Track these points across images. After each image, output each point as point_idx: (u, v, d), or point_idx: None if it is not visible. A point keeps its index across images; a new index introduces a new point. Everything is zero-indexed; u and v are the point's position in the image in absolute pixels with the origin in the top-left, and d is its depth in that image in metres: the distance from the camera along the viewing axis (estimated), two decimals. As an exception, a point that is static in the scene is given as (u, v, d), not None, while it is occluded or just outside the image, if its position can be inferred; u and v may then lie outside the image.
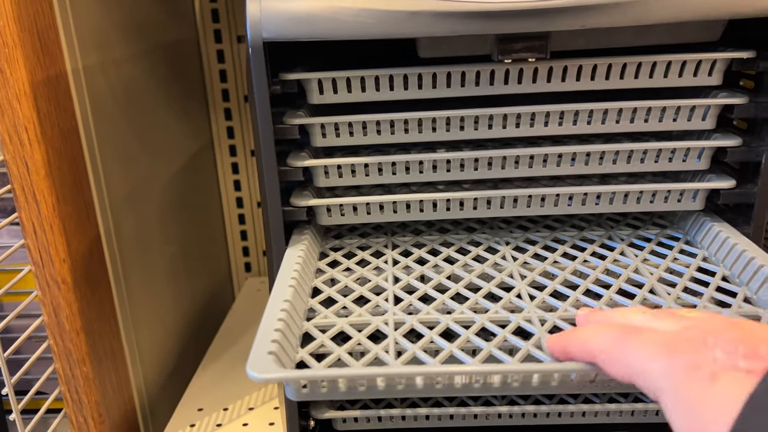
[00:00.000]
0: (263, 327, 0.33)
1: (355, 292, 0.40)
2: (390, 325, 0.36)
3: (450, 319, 0.36)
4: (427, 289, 0.40)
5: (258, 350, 0.30)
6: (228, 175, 0.82)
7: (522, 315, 0.36)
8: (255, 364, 0.29)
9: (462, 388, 0.31)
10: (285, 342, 0.32)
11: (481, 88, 0.39)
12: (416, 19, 0.35)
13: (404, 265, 0.43)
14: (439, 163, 0.41)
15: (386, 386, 0.31)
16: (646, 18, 0.35)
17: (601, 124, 0.40)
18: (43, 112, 0.44)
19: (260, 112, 0.38)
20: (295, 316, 0.35)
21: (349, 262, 0.43)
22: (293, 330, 0.34)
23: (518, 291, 0.39)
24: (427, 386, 0.31)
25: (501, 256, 0.43)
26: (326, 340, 0.34)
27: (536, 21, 0.35)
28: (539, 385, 0.31)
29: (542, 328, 0.35)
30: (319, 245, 0.46)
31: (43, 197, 0.45)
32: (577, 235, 0.46)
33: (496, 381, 0.31)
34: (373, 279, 0.41)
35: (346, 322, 0.36)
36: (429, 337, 0.34)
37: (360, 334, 0.35)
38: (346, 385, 0.31)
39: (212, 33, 0.77)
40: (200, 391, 0.62)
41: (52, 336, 0.48)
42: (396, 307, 0.38)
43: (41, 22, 0.45)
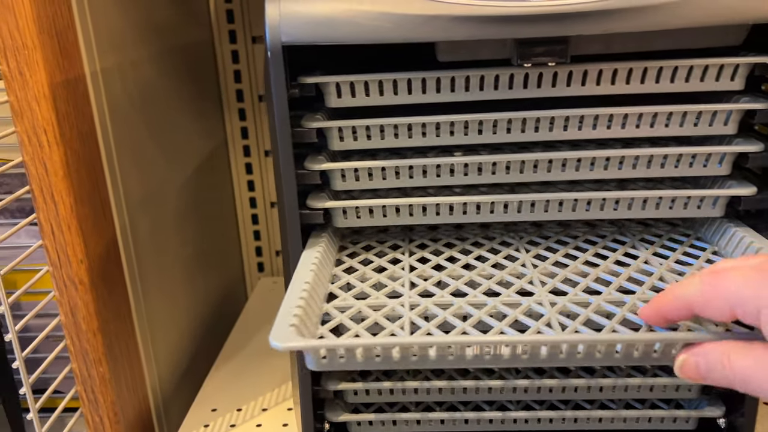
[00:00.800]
0: (285, 304, 0.34)
1: (372, 279, 0.41)
2: (406, 307, 0.38)
3: (463, 301, 0.38)
4: (441, 276, 0.41)
5: (280, 323, 0.32)
6: (242, 175, 0.83)
7: (533, 299, 0.38)
8: (277, 335, 0.31)
9: (473, 359, 0.33)
10: (306, 318, 0.34)
11: (500, 92, 0.39)
12: (435, 23, 0.35)
13: (420, 256, 0.45)
14: (457, 167, 0.41)
15: (401, 357, 0.33)
16: (669, 23, 0.35)
17: (621, 128, 0.40)
18: (62, 113, 0.45)
19: (278, 115, 0.38)
20: (315, 296, 0.37)
21: (367, 254, 0.45)
22: (314, 309, 0.36)
23: (530, 278, 0.41)
24: (439, 357, 0.33)
25: (514, 249, 0.45)
26: (345, 319, 0.36)
27: (556, 25, 0.35)
28: (547, 357, 0.33)
29: (552, 309, 0.36)
30: (336, 245, 0.46)
31: (61, 198, 0.45)
32: (589, 231, 0.47)
33: (506, 352, 0.33)
34: (390, 268, 0.43)
35: (364, 303, 0.38)
36: (443, 317, 0.36)
37: (377, 313, 0.37)
38: (363, 355, 0.33)
39: (227, 34, 0.77)
40: (214, 391, 0.62)
41: (69, 336, 0.49)
42: (412, 291, 0.40)
43: (60, 23, 0.45)
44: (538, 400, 0.46)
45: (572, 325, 0.35)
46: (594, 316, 0.36)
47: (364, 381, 0.45)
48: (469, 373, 0.46)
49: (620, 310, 0.36)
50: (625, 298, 0.38)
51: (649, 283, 0.39)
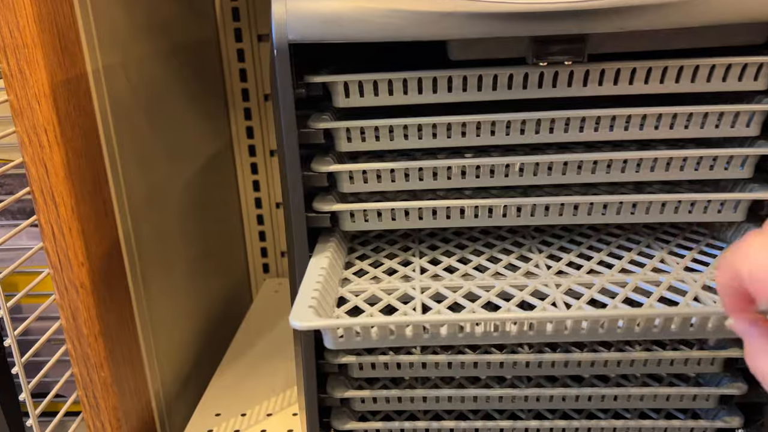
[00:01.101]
0: (304, 287, 0.37)
1: (385, 265, 0.43)
2: (417, 290, 0.40)
3: (472, 284, 0.40)
4: (451, 261, 0.43)
5: (300, 304, 0.35)
6: (247, 175, 0.81)
7: (539, 280, 0.40)
8: (297, 315, 0.33)
9: (482, 336, 0.35)
10: (323, 300, 0.36)
11: (513, 91, 0.38)
12: (448, 20, 0.34)
13: (430, 243, 0.46)
14: (469, 169, 0.40)
15: (414, 335, 0.35)
16: (690, 20, 0.34)
17: (639, 130, 0.39)
18: (63, 113, 0.44)
19: (284, 116, 0.37)
20: (331, 281, 0.39)
21: (379, 242, 0.47)
22: (330, 293, 0.38)
23: (536, 262, 0.42)
24: (450, 335, 0.35)
25: (521, 235, 0.46)
26: (359, 302, 0.38)
27: (574, 23, 0.34)
28: (552, 333, 0.35)
29: (557, 290, 0.38)
30: (345, 250, 0.45)
31: (62, 200, 0.44)
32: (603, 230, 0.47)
33: (513, 329, 0.35)
34: (401, 255, 0.45)
35: (377, 287, 0.40)
36: (452, 299, 0.38)
37: (390, 296, 0.39)
38: (378, 333, 0.35)
39: (232, 32, 0.76)
40: (218, 395, 0.61)
41: (70, 340, 0.48)
42: (422, 275, 0.42)
43: (61, 21, 0.44)
44: (551, 409, 0.45)
45: (576, 304, 0.36)
46: (598, 296, 0.38)
47: (372, 388, 0.44)
48: (479, 381, 0.45)
49: (623, 290, 0.38)
50: (627, 279, 0.39)
51: (650, 266, 0.41)
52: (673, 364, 0.42)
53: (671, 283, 0.38)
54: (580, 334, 0.34)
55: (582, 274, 0.40)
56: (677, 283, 0.38)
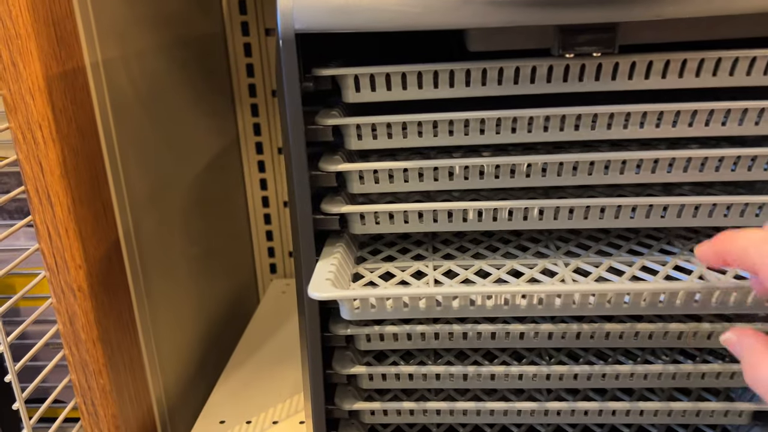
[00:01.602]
0: (321, 263, 0.38)
1: (398, 245, 0.44)
2: (430, 267, 0.40)
3: (483, 263, 0.40)
4: (468, 274, 0.41)
5: (318, 276, 0.36)
6: (254, 173, 0.79)
7: (548, 260, 0.40)
8: (316, 286, 0.35)
9: (493, 308, 0.36)
10: (340, 275, 0.37)
11: (536, 85, 0.35)
12: (469, 7, 0.31)
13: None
14: (487, 169, 0.37)
15: (426, 306, 0.36)
16: (733, 7, 0.31)
17: (671, 127, 0.36)
18: (59, 108, 0.41)
19: (290, 111, 0.34)
20: (347, 258, 0.40)
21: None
22: (346, 269, 0.39)
23: (546, 243, 0.43)
24: (462, 307, 0.36)
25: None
26: (375, 278, 0.39)
27: (605, 10, 0.31)
28: (561, 307, 0.36)
29: (566, 269, 0.39)
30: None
31: (57, 199, 0.42)
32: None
33: (522, 303, 0.36)
34: (414, 236, 0.46)
35: (392, 265, 0.41)
36: (464, 275, 0.39)
37: (403, 273, 0.40)
38: (393, 305, 0.36)
39: (239, 25, 0.73)
40: (222, 401, 0.59)
41: (67, 346, 0.46)
42: (435, 254, 0.43)
43: (58, 12, 0.41)
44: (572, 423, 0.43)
45: (584, 281, 0.37)
46: (606, 274, 0.38)
47: (382, 400, 0.42)
48: (496, 392, 0.43)
49: (630, 268, 0.38)
50: (634, 259, 0.39)
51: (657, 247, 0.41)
52: (704, 377, 0.40)
53: (677, 263, 0.39)
54: (588, 308, 0.35)
55: (591, 253, 0.41)
56: (683, 263, 0.39)
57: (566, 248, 0.42)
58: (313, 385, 0.39)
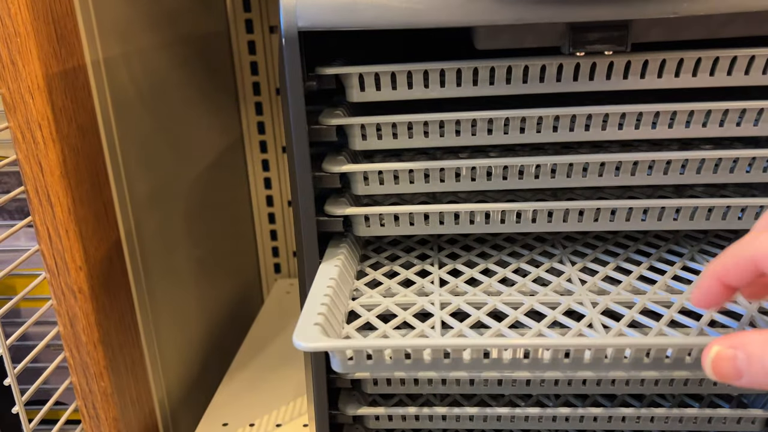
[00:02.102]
0: (310, 301, 0.33)
1: (401, 275, 0.39)
2: (436, 305, 0.36)
3: (498, 300, 0.36)
4: (473, 273, 0.39)
5: (305, 321, 0.31)
6: (258, 172, 0.79)
7: (573, 298, 0.36)
8: (302, 334, 0.29)
9: (510, 363, 0.31)
10: (331, 317, 0.32)
11: (546, 84, 0.34)
12: (476, 4, 0.30)
13: (450, 251, 0.42)
14: (495, 170, 0.36)
15: (432, 360, 0.31)
16: (750, 4, 0.30)
17: (684, 127, 0.35)
18: (59, 107, 0.41)
19: (293, 110, 0.34)
20: (341, 294, 0.36)
21: (395, 249, 0.43)
22: (339, 307, 0.34)
23: (568, 276, 0.38)
24: (474, 360, 0.31)
25: (550, 244, 0.43)
26: (372, 318, 0.35)
27: (618, 7, 0.30)
28: (591, 361, 0.30)
29: (594, 309, 0.34)
30: (357, 257, 0.42)
31: (57, 200, 0.41)
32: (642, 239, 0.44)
33: (546, 356, 0.31)
34: (419, 264, 0.41)
35: (392, 301, 0.36)
36: (476, 317, 0.34)
37: (406, 312, 0.35)
38: (393, 356, 0.31)
39: (243, 23, 0.73)
40: (225, 403, 0.59)
41: (68, 348, 0.45)
42: (442, 288, 0.38)
43: (58, 9, 0.41)
44: (581, 430, 0.42)
45: (616, 327, 0.32)
46: (639, 317, 0.34)
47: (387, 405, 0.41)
48: (503, 398, 0.42)
49: (667, 311, 0.34)
50: (672, 298, 0.35)
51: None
52: (716, 384, 0.39)
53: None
54: (623, 364, 0.29)
55: (621, 290, 0.36)
56: (728, 304, 0.34)
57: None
58: (317, 389, 0.39)
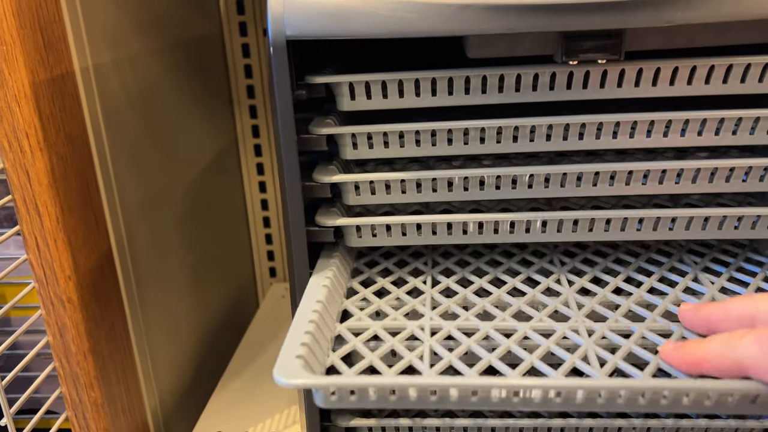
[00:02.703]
0: (294, 328, 0.32)
1: (392, 294, 0.38)
2: (426, 331, 0.34)
3: (490, 326, 0.34)
4: (467, 293, 0.38)
5: (286, 354, 0.30)
6: (253, 176, 0.78)
7: (568, 325, 0.34)
8: (282, 369, 0.28)
9: (499, 401, 0.30)
10: (315, 345, 0.31)
11: (539, 93, 0.34)
12: (468, 13, 0.30)
13: (444, 267, 0.41)
14: (488, 179, 0.36)
15: (418, 397, 0.30)
16: (745, 12, 0.29)
17: (680, 136, 0.34)
18: (46, 115, 0.40)
19: (282, 120, 0.33)
20: (327, 317, 0.34)
21: (387, 263, 0.42)
22: (325, 333, 0.33)
23: (565, 299, 0.37)
24: (462, 398, 0.30)
25: (548, 261, 0.41)
26: (359, 344, 0.33)
27: (611, 16, 0.29)
28: (584, 402, 0.29)
29: (590, 339, 0.33)
30: (349, 269, 0.41)
31: (45, 209, 0.41)
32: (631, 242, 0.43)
33: (537, 396, 0.29)
34: (411, 281, 0.40)
35: (381, 325, 0.35)
36: (467, 345, 0.33)
37: (394, 339, 0.34)
38: (377, 394, 0.30)
39: (237, 26, 0.72)
40: (219, 411, 0.58)
41: (57, 358, 0.45)
42: (434, 311, 0.36)
43: (45, 16, 0.40)
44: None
45: (611, 360, 0.31)
46: (636, 350, 0.32)
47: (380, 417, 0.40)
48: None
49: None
50: (673, 327, 0.33)
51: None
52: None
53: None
54: (617, 404, 0.28)
55: (618, 317, 0.35)
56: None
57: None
58: (308, 402, 0.38)
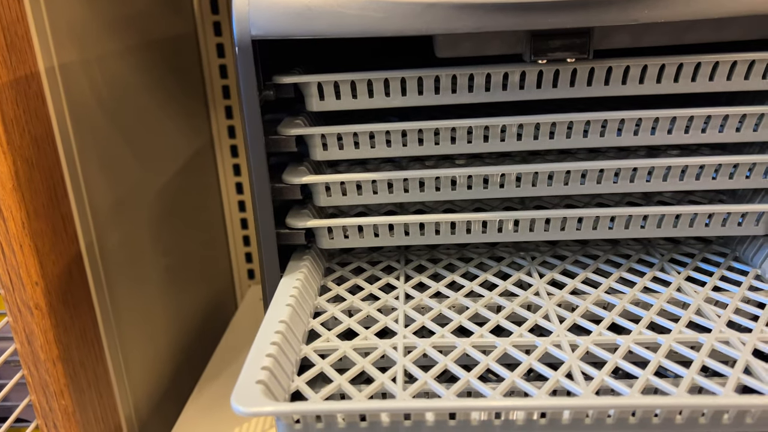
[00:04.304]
0: (254, 352, 0.29)
1: (362, 312, 0.36)
2: (399, 350, 0.32)
3: (468, 343, 0.32)
4: (442, 308, 0.36)
5: (246, 379, 0.27)
6: (229, 177, 0.77)
7: (550, 339, 0.32)
8: (241, 397, 0.26)
9: (480, 425, 0.28)
10: (278, 369, 0.29)
11: (509, 92, 0.33)
12: (434, 12, 0.29)
13: (417, 281, 0.39)
14: (460, 179, 0.36)
15: (391, 423, 0.28)
16: (711, 11, 0.29)
17: (650, 134, 0.34)
18: (9, 117, 0.39)
19: (249, 120, 0.33)
20: (292, 338, 0.32)
21: (357, 278, 0.39)
22: (289, 355, 0.31)
23: (545, 312, 0.35)
24: (438, 423, 0.28)
25: (526, 272, 0.39)
26: (326, 367, 0.31)
27: (578, 15, 0.29)
28: (570, 423, 0.28)
29: (573, 354, 0.31)
30: (321, 269, 0.40)
31: (10, 214, 0.40)
32: (610, 250, 0.41)
33: (520, 418, 0.28)
34: (383, 296, 0.37)
35: (350, 346, 0.33)
36: (443, 365, 0.31)
37: (365, 359, 0.32)
38: (346, 420, 0.28)
39: (211, 25, 0.71)
40: (196, 416, 0.57)
41: (26, 366, 0.44)
42: (407, 329, 0.34)
43: (7, 15, 0.39)
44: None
45: (598, 377, 0.29)
46: (623, 364, 0.30)
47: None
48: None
49: (654, 355, 0.30)
50: (659, 339, 0.32)
51: (686, 319, 0.33)
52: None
53: (714, 346, 0.31)
54: (606, 425, 0.27)
55: (602, 330, 0.33)
56: (721, 347, 0.31)
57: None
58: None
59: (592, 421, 0.27)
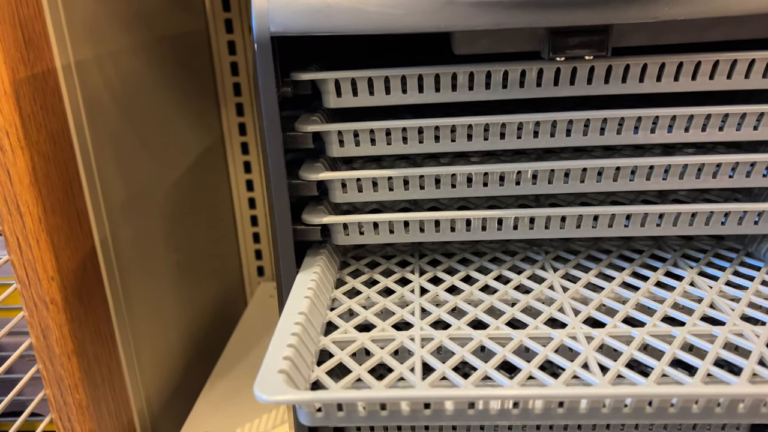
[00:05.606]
0: (275, 342, 0.30)
1: (378, 305, 0.36)
2: (416, 342, 0.32)
3: (484, 335, 0.33)
4: (457, 301, 0.36)
5: (268, 368, 0.28)
6: (240, 174, 0.77)
7: (566, 331, 0.33)
8: (263, 385, 0.26)
9: (498, 414, 0.28)
10: (299, 359, 0.29)
11: (526, 89, 0.33)
12: (453, 9, 0.29)
13: (432, 275, 0.39)
14: (476, 176, 0.36)
15: (411, 411, 0.28)
16: (731, 9, 0.29)
17: (666, 132, 0.34)
18: (27, 113, 0.39)
19: (267, 117, 0.33)
20: (311, 330, 0.32)
21: (373, 272, 0.40)
22: (309, 346, 0.31)
23: (560, 305, 0.35)
24: (458, 412, 0.28)
25: (540, 267, 0.40)
26: (345, 357, 0.31)
27: (598, 12, 0.29)
28: (588, 411, 0.28)
29: (589, 346, 0.31)
30: (336, 263, 0.41)
31: (27, 209, 0.40)
32: (623, 246, 0.42)
33: (538, 406, 0.28)
34: (399, 290, 0.38)
35: (368, 337, 0.33)
36: (460, 355, 0.31)
37: (383, 351, 0.32)
38: (366, 409, 0.28)
39: (223, 23, 0.71)
40: (207, 411, 0.58)
41: (41, 360, 0.44)
42: (423, 321, 0.34)
43: (24, 12, 0.39)
44: None
45: (614, 368, 0.30)
46: (639, 355, 0.31)
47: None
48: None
49: (669, 347, 0.31)
50: (674, 332, 0.32)
51: (700, 312, 0.34)
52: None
53: (728, 338, 0.31)
54: (623, 413, 0.27)
55: (617, 322, 0.33)
56: (735, 339, 0.31)
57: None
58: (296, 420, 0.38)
59: (609, 410, 0.27)
